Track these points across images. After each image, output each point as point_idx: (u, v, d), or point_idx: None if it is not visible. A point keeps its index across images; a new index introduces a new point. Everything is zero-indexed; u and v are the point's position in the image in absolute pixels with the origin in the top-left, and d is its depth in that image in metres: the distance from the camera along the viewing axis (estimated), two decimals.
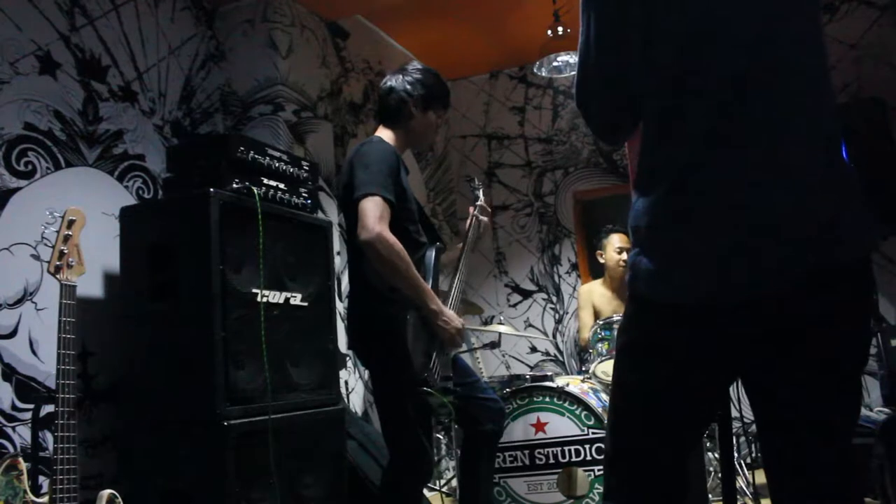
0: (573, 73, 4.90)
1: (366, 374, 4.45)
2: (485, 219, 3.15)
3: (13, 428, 2.86)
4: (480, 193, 3.34)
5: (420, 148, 3.01)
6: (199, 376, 2.72)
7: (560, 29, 4.54)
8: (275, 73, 4.25)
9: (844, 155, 1.32)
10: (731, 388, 1.51)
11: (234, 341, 2.79)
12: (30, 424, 2.87)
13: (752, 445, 4.27)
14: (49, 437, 2.76)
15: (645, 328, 1.42)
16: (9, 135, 3.04)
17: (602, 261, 4.76)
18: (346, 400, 4.19)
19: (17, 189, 3.04)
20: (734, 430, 2.03)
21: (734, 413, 1.94)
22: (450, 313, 2.63)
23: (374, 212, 2.46)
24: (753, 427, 4.45)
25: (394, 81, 2.81)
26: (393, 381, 2.61)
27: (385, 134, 2.78)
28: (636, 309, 1.44)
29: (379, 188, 2.50)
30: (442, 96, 2.86)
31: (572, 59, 4.70)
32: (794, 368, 1.32)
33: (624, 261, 4.58)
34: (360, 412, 4.41)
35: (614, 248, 4.64)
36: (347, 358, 4.26)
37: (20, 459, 2.24)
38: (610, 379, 3.92)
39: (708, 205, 1.29)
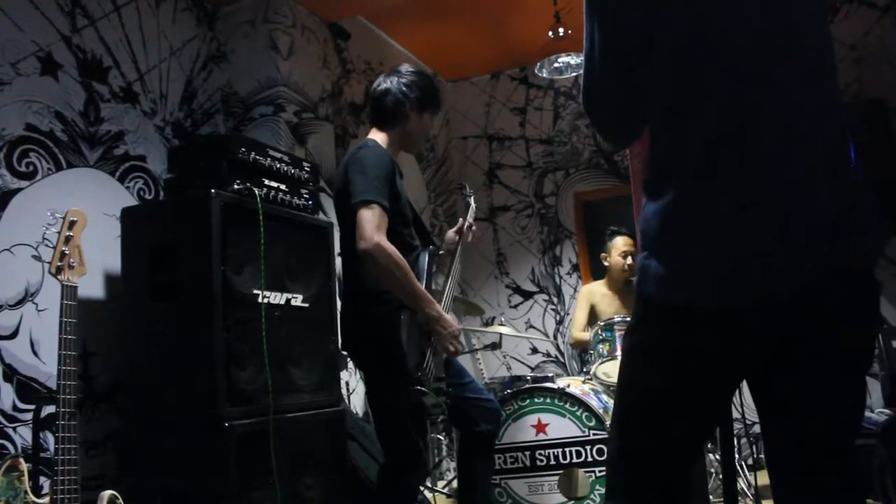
0: (574, 74, 4.90)
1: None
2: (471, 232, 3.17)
3: (14, 429, 2.86)
4: (472, 200, 3.34)
5: (413, 151, 3.00)
6: (200, 377, 2.72)
7: (561, 30, 4.54)
8: (276, 74, 4.25)
9: (853, 154, 1.32)
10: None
11: (235, 342, 2.79)
12: (31, 425, 2.87)
13: (754, 447, 4.27)
14: (50, 437, 2.76)
15: (653, 330, 1.42)
16: (10, 136, 3.04)
17: (606, 263, 4.75)
18: (346, 401, 4.19)
19: (19, 190, 3.05)
20: (735, 432, 2.03)
21: (735, 414, 1.94)
22: (449, 318, 2.63)
23: (372, 221, 2.46)
24: (755, 428, 4.46)
25: (389, 83, 2.80)
26: (387, 380, 2.61)
27: (379, 137, 2.77)
28: (645, 311, 1.43)
29: (376, 195, 2.50)
30: (436, 98, 2.87)
31: (573, 60, 4.69)
32: (800, 370, 1.32)
33: (629, 265, 4.59)
34: (360, 413, 4.40)
35: (619, 251, 4.63)
36: (348, 359, 4.26)
37: (21, 460, 2.24)
38: (611, 380, 3.94)
39: (717, 208, 1.29)
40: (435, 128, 3.01)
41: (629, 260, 4.59)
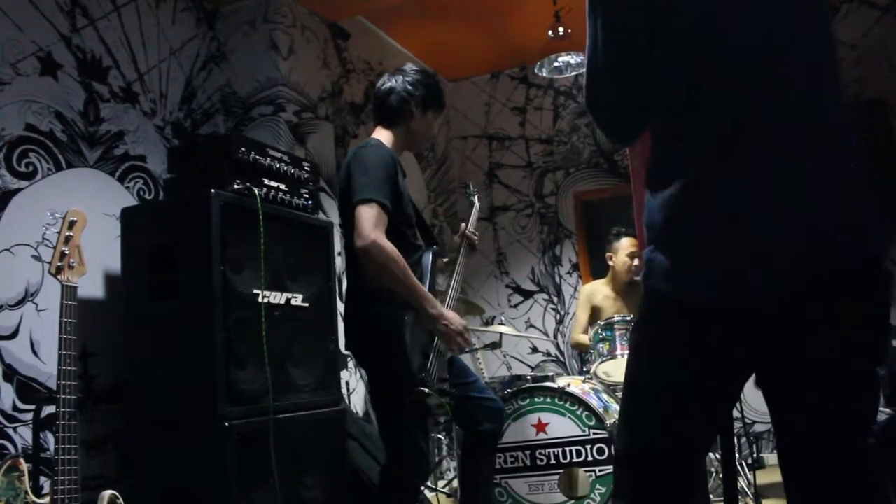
0: (574, 73, 4.90)
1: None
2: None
3: (14, 429, 2.86)
4: (476, 200, 3.33)
5: (417, 150, 3.00)
6: (200, 377, 2.73)
7: (561, 29, 4.54)
8: (276, 74, 4.25)
9: (854, 154, 1.31)
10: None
11: (235, 342, 2.79)
12: (31, 425, 2.88)
13: (754, 446, 4.27)
14: (50, 437, 2.76)
15: (659, 325, 1.42)
16: (10, 136, 3.04)
17: (611, 263, 4.75)
18: (346, 400, 4.19)
19: (19, 190, 3.05)
20: (735, 431, 2.03)
21: (735, 414, 1.94)
22: (451, 315, 2.63)
23: (370, 219, 2.47)
24: (755, 428, 4.46)
25: (393, 82, 2.81)
26: (390, 380, 2.61)
27: (383, 136, 2.78)
28: (651, 306, 1.43)
29: (376, 193, 2.51)
30: (439, 97, 2.88)
31: (573, 59, 4.70)
32: (806, 368, 1.32)
33: (635, 265, 4.58)
34: (360, 412, 4.41)
35: (625, 251, 4.61)
36: (348, 358, 4.26)
37: (21, 460, 2.24)
38: (611, 380, 3.94)
39: (718, 207, 1.30)
40: (436, 127, 3.01)
41: (635, 261, 4.59)
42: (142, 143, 3.67)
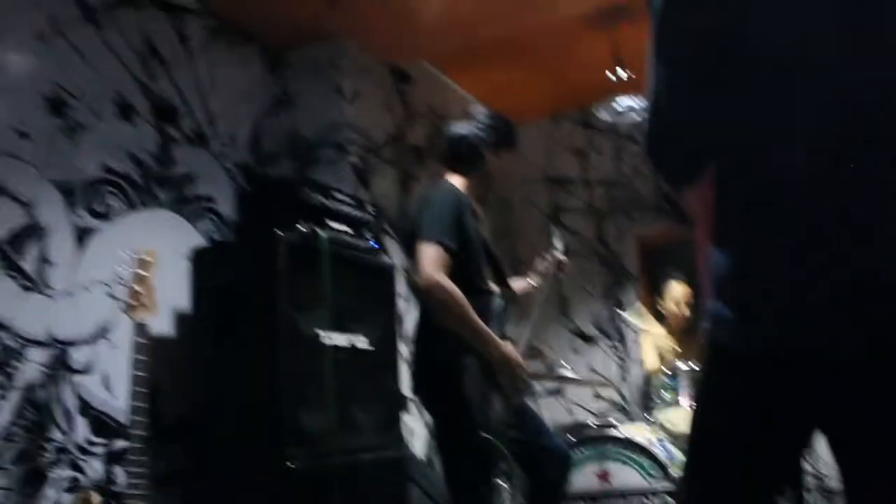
0: (635, 116, 4.88)
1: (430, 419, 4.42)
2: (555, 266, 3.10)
3: (87, 461, 2.92)
4: (556, 241, 3.26)
5: (491, 193, 2.98)
6: (264, 417, 2.75)
7: (621, 72, 4.54)
8: (340, 118, 4.33)
9: None
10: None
11: (300, 384, 2.81)
12: (102, 458, 2.93)
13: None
14: (120, 471, 2.81)
15: (723, 379, 1.38)
16: (88, 177, 3.15)
17: (662, 310, 4.71)
18: (409, 445, 4.16)
19: (95, 229, 3.15)
20: (807, 487, 1.96)
21: (808, 468, 1.87)
22: (514, 355, 2.59)
23: (430, 258, 2.46)
24: (828, 483, 4.25)
25: (464, 129, 2.82)
26: (453, 427, 2.58)
27: (456, 180, 2.78)
28: (715, 359, 1.39)
29: (439, 234, 2.51)
30: (510, 136, 2.86)
31: (634, 102, 4.69)
32: (878, 423, 1.26)
33: (683, 315, 4.53)
34: (422, 457, 4.37)
35: (672, 298, 4.58)
36: (411, 402, 4.25)
37: (93, 492, 2.29)
38: (675, 428, 3.85)
39: (797, 255, 1.25)
40: (511, 166, 2.99)
41: (682, 309, 4.53)
42: (212, 184, 3.76)
